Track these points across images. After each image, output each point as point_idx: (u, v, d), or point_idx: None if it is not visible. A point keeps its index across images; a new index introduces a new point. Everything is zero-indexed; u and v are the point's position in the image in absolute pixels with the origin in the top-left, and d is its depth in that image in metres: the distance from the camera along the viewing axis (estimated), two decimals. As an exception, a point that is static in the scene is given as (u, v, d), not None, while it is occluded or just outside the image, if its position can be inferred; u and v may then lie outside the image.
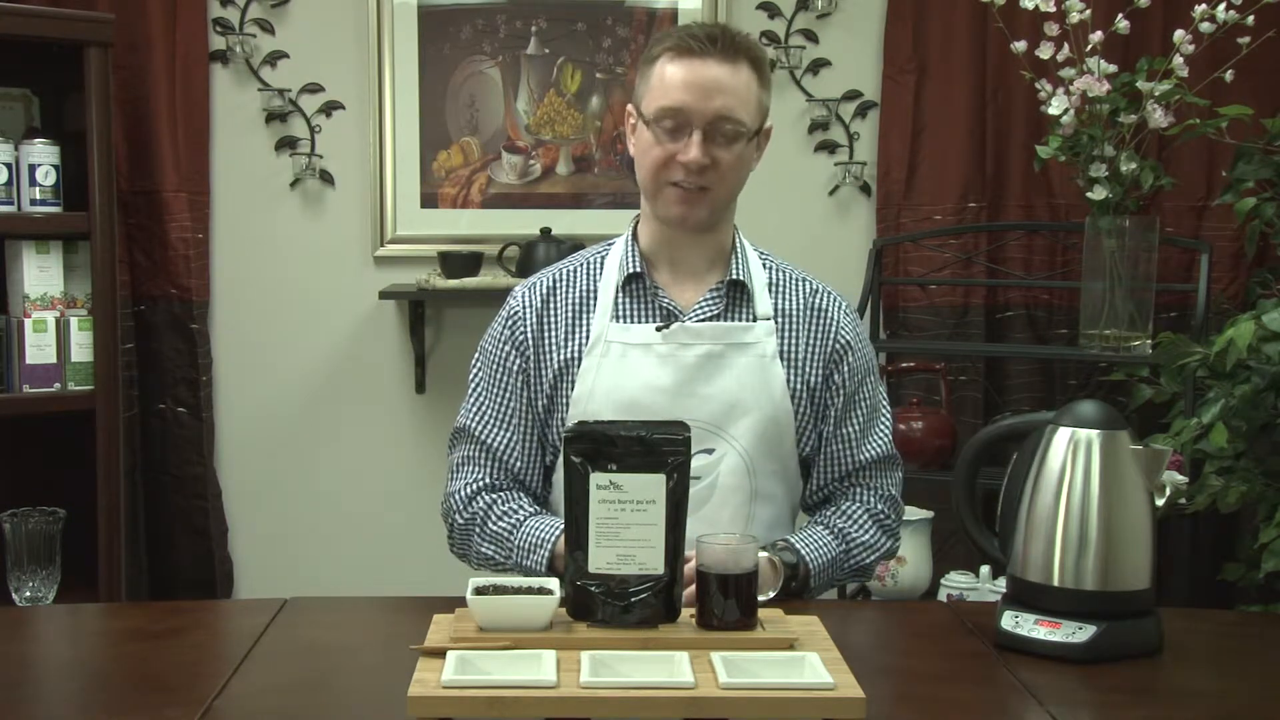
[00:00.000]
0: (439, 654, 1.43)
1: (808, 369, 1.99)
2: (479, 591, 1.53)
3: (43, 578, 2.34)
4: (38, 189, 2.87)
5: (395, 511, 3.50)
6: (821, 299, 2.03)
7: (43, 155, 2.87)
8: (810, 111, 3.47)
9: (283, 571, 3.49)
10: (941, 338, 3.38)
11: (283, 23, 3.42)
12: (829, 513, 2.02)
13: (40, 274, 2.87)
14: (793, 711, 1.34)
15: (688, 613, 1.56)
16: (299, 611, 1.86)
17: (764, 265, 2.04)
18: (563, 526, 1.87)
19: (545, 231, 3.29)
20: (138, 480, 3.39)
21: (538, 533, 1.92)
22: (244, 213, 3.46)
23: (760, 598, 1.57)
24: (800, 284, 2.04)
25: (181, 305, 3.38)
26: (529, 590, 1.54)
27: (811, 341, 2.00)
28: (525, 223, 3.39)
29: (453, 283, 3.29)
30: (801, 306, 2.01)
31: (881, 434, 2.05)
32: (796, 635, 1.51)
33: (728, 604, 1.53)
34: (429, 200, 3.46)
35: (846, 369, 2.01)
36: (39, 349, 2.85)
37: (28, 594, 2.34)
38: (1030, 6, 2.82)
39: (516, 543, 1.93)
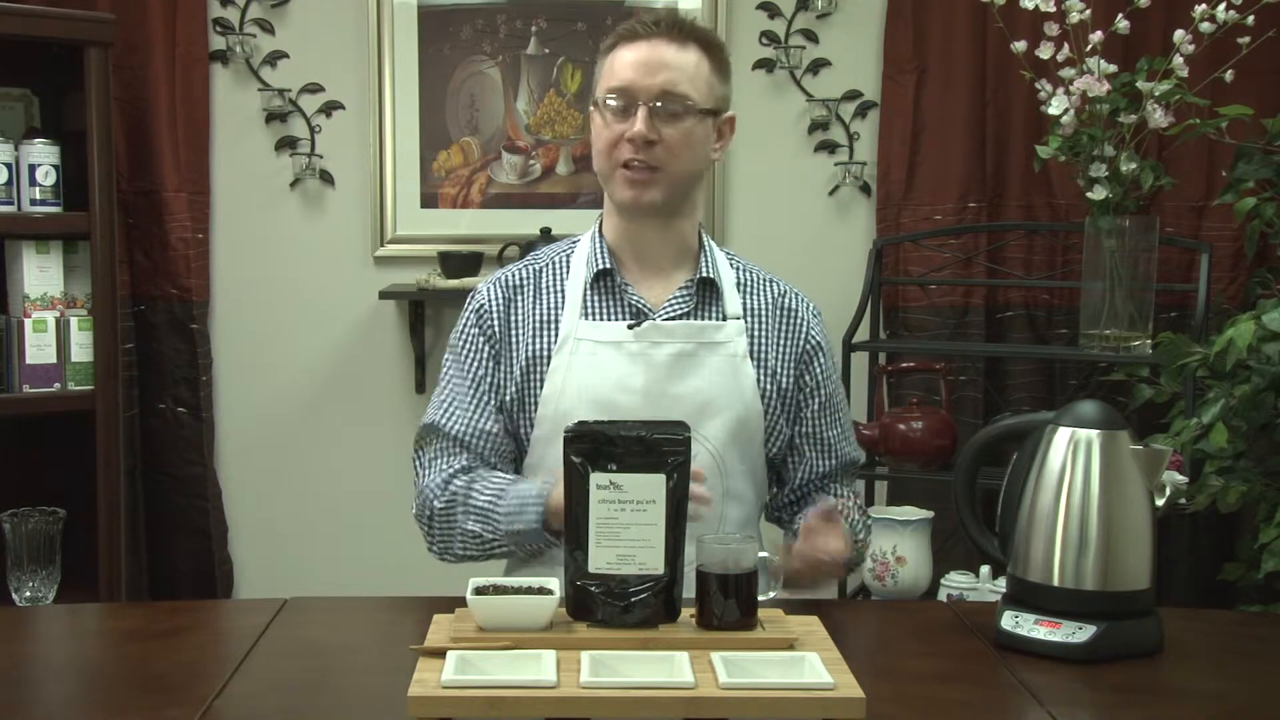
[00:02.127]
0: (439, 654, 1.43)
1: (778, 369, 2.00)
2: (479, 591, 1.53)
3: (43, 578, 2.34)
4: (38, 189, 2.87)
5: (395, 511, 3.47)
6: (790, 299, 2.04)
7: (43, 155, 2.87)
8: (810, 111, 3.47)
9: (283, 571, 3.49)
10: (941, 338, 3.38)
11: (283, 23, 3.42)
12: (827, 501, 2.02)
13: (40, 274, 2.88)
14: (793, 711, 1.34)
15: (688, 613, 1.56)
16: (299, 611, 1.86)
17: (731, 264, 2.05)
18: (547, 483, 1.85)
19: (545, 231, 3.29)
20: (138, 480, 3.39)
21: (523, 493, 1.86)
22: (244, 213, 3.46)
23: (760, 597, 1.57)
24: (768, 284, 2.05)
25: (181, 305, 3.38)
26: (529, 590, 1.55)
27: (781, 342, 2.01)
28: (525, 223, 3.39)
29: (453, 283, 3.29)
30: (770, 306, 2.02)
31: (851, 437, 2.09)
32: (796, 635, 1.51)
33: (728, 604, 1.53)
34: (429, 200, 3.46)
35: (819, 369, 2.03)
36: (39, 349, 2.85)
37: (28, 594, 2.34)
38: (1030, 6, 2.82)
39: (503, 509, 1.86)
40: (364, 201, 3.46)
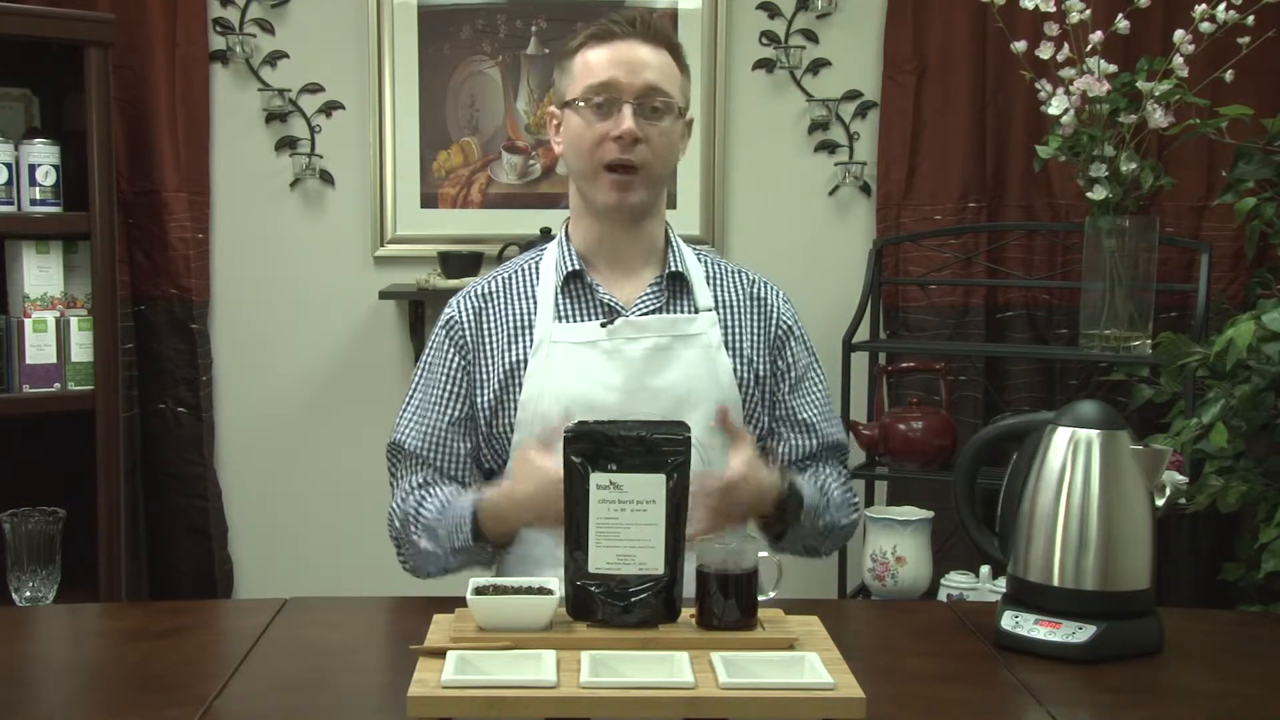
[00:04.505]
0: (439, 654, 1.43)
1: (753, 357, 2.01)
2: (479, 591, 1.53)
3: (43, 578, 2.34)
4: (38, 189, 2.87)
5: (395, 511, 3.49)
6: (760, 288, 2.06)
7: (43, 155, 2.87)
8: (810, 111, 3.47)
9: (283, 571, 3.49)
10: (941, 338, 3.38)
11: (283, 23, 3.42)
12: (807, 473, 2.02)
13: (40, 274, 2.88)
14: (793, 711, 1.34)
15: (688, 613, 1.56)
16: (299, 611, 1.86)
17: (699, 259, 2.06)
18: (476, 497, 1.88)
19: (545, 231, 3.29)
20: (138, 480, 3.39)
21: (459, 509, 1.90)
22: (244, 213, 3.46)
23: (760, 597, 1.57)
24: (737, 275, 2.07)
25: (181, 305, 3.38)
26: (529, 590, 1.55)
27: (755, 330, 2.02)
28: (525, 223, 3.39)
29: (453, 282, 3.28)
30: (742, 296, 2.04)
31: (835, 422, 2.09)
32: (796, 635, 1.51)
33: (728, 604, 1.53)
34: (429, 200, 3.46)
35: (790, 354, 2.04)
36: (39, 349, 2.85)
37: (28, 594, 2.34)
38: (1030, 6, 2.82)
39: (445, 528, 1.91)
40: (364, 201, 3.46)
